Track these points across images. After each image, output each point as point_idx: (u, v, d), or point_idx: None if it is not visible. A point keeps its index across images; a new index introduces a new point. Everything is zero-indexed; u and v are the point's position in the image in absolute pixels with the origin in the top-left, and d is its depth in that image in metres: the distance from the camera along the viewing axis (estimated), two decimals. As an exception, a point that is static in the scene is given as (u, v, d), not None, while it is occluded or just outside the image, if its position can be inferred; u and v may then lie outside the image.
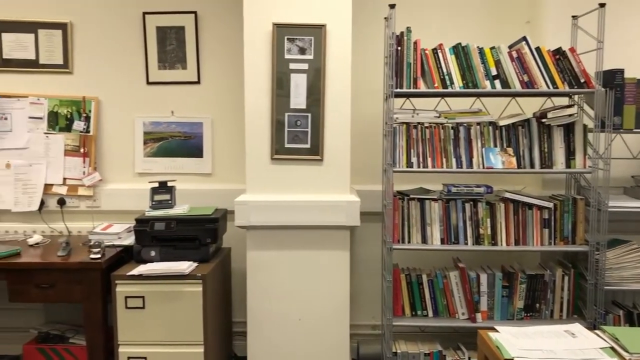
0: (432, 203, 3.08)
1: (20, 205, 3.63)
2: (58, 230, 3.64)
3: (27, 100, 3.63)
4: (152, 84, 3.65)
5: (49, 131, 3.63)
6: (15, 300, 3.03)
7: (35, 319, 3.65)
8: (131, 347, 2.95)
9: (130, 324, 2.94)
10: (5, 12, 3.60)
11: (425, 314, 3.17)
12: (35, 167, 3.63)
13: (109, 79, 3.65)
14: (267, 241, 3.06)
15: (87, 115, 3.63)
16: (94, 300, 3.01)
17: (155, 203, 3.27)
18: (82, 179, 3.63)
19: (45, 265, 2.99)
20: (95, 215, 3.66)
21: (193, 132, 3.68)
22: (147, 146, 3.68)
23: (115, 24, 3.63)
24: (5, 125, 3.63)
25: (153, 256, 3.11)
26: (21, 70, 3.64)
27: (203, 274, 2.93)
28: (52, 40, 3.61)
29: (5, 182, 3.64)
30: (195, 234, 3.13)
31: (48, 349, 3.28)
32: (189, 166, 3.69)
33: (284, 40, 3.00)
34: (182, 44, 3.60)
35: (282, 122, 3.04)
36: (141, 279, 2.93)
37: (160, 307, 2.93)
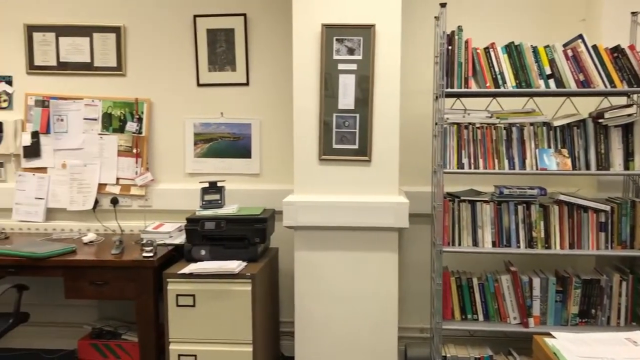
0: (483, 205, 3.02)
1: (76, 204, 3.74)
2: (111, 228, 3.73)
3: (82, 102, 3.74)
4: (203, 85, 3.70)
5: (103, 132, 3.73)
6: (70, 297, 3.12)
7: (89, 316, 3.76)
8: (181, 345, 3.00)
9: (181, 321, 2.98)
10: (63, 16, 3.71)
11: (475, 318, 3.11)
12: (90, 167, 3.74)
13: (160, 81, 3.73)
14: (314, 242, 3.07)
15: (140, 116, 3.71)
16: (146, 297, 3.07)
17: (205, 203, 3.31)
18: (135, 178, 3.72)
19: (100, 263, 3.07)
20: (147, 215, 3.74)
21: (242, 133, 3.71)
22: (197, 147, 3.73)
23: (166, 27, 3.70)
24: (62, 126, 3.74)
25: (203, 255, 3.15)
26: (77, 73, 3.75)
27: (252, 274, 2.96)
28: (106, 44, 3.71)
29: (62, 181, 3.75)
30: (244, 233, 3.16)
31: (101, 345, 3.37)
32: (237, 167, 3.73)
33: (333, 40, 3.00)
34: (232, 46, 3.64)
35: (330, 123, 3.03)
36: (192, 278, 2.97)
37: (210, 306, 2.97)
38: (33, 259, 3.05)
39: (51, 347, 3.86)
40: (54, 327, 3.87)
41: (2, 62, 3.77)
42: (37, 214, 3.74)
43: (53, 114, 3.74)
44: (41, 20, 3.72)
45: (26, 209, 3.75)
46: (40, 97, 3.75)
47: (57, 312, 3.83)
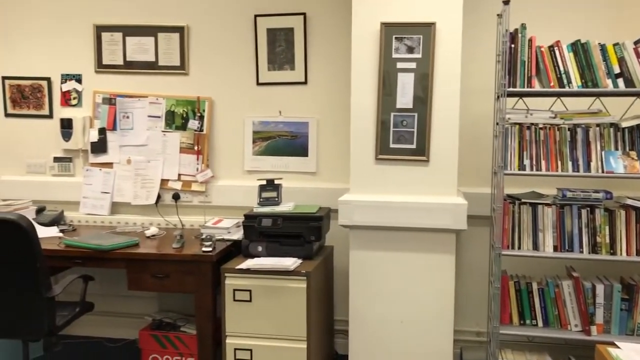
0: (545, 208, 2.94)
1: (139, 199, 3.87)
2: (172, 223, 3.84)
3: (147, 100, 3.86)
4: (262, 84, 3.76)
5: (166, 129, 3.84)
6: (133, 288, 3.23)
7: (149, 307, 3.88)
8: (238, 339, 3.05)
9: (238, 316, 3.04)
10: (130, 17, 3.84)
11: (534, 324, 3.03)
12: (153, 164, 3.86)
13: (221, 80, 3.80)
14: (370, 241, 3.06)
15: (201, 114, 3.80)
16: (204, 291, 3.14)
17: (262, 200, 3.36)
18: (196, 175, 3.81)
19: (161, 256, 3.17)
20: (206, 210, 3.83)
21: (299, 132, 3.75)
22: (255, 145, 3.79)
23: (228, 27, 3.77)
24: (128, 123, 3.88)
25: (260, 251, 3.20)
26: (142, 72, 3.88)
27: (307, 271, 2.98)
28: (170, 43, 3.82)
29: (126, 176, 3.89)
30: (300, 231, 3.19)
31: (161, 336, 3.47)
32: (294, 165, 3.76)
33: (392, 39, 2.98)
34: (291, 45, 3.68)
35: (387, 122, 3.02)
36: (249, 273, 3.02)
37: (265, 301, 3.01)
38: (98, 251, 3.18)
39: (114, 336, 4.02)
40: (116, 317, 4.02)
41: (73, 61, 3.94)
42: (103, 207, 3.89)
43: (119, 112, 3.88)
44: (109, 21, 3.86)
45: (93, 202, 3.91)
46: (107, 95, 3.90)
47: (119, 303, 3.98)
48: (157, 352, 3.46)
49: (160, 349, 3.45)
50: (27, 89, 3.99)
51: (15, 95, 4.01)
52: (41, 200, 3.95)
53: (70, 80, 3.95)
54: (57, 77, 3.96)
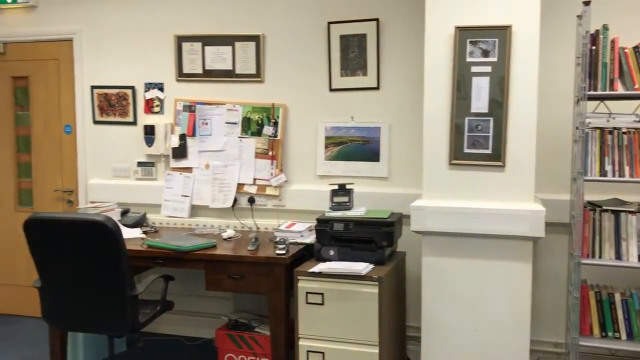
0: (629, 216, 2.81)
1: (217, 202, 4.00)
2: (248, 226, 3.95)
3: (224, 107, 3.99)
4: (334, 90, 3.80)
5: (242, 135, 3.96)
6: (210, 288, 3.35)
7: (225, 307, 4.00)
8: (310, 341, 3.10)
9: (310, 318, 3.09)
10: (208, 27, 3.99)
11: (617, 336, 2.90)
12: (230, 168, 3.98)
13: (295, 86, 3.88)
14: (443, 248, 3.03)
15: (276, 120, 3.89)
16: (277, 293, 3.21)
17: (334, 204, 3.40)
18: (270, 179, 3.90)
19: (237, 258, 3.27)
20: (280, 214, 3.91)
21: (371, 137, 3.76)
22: (327, 150, 3.84)
23: (301, 35, 3.84)
24: (206, 129, 4.03)
25: (332, 255, 3.24)
26: (220, 80, 4.01)
27: (379, 276, 2.99)
28: (246, 52, 3.93)
29: (205, 181, 4.04)
30: (372, 236, 3.20)
31: (236, 336, 3.57)
32: (366, 170, 3.78)
33: (466, 43, 2.95)
34: (364, 51, 3.70)
35: (461, 127, 2.98)
36: (321, 277, 3.06)
37: (337, 305, 3.04)
38: (179, 252, 3.32)
39: (192, 335, 4.17)
40: (194, 316, 4.17)
41: (156, 71, 4.13)
42: (183, 210, 4.06)
43: (198, 118, 4.03)
44: (189, 31, 4.03)
45: (173, 205, 4.08)
46: (187, 103, 4.06)
47: (197, 303, 4.13)
48: (232, 352, 3.57)
49: (236, 349, 3.56)
50: (113, 97, 4.22)
51: (103, 103, 4.26)
52: (126, 202, 4.16)
53: (153, 88, 4.14)
54: (141, 86, 4.17)
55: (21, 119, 4.52)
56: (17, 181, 4.56)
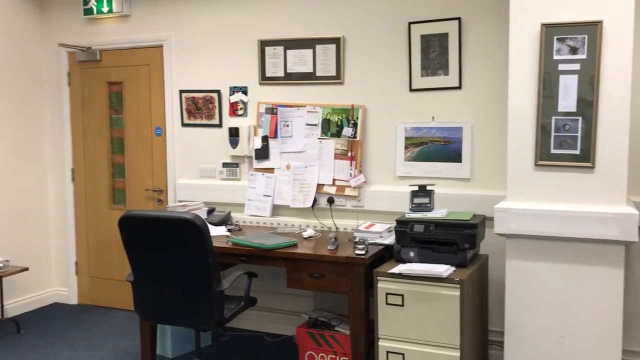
0: None
1: (297, 202, 4.08)
2: (327, 225, 4.00)
3: (305, 109, 4.06)
4: (415, 90, 3.78)
5: (322, 137, 4.02)
6: (291, 286, 3.43)
7: (305, 305, 4.07)
8: (390, 342, 3.10)
9: (390, 319, 3.09)
10: (291, 31, 4.08)
11: None
12: (310, 169, 4.05)
13: (375, 87, 3.89)
14: (528, 251, 2.95)
15: (355, 122, 3.92)
16: (357, 293, 3.24)
17: (414, 206, 3.38)
18: (349, 180, 3.94)
19: (317, 257, 3.32)
20: (359, 214, 3.93)
21: (452, 137, 3.71)
22: (407, 150, 3.82)
23: (381, 36, 3.85)
24: (287, 131, 4.12)
25: (412, 257, 3.23)
26: (300, 83, 4.09)
27: (461, 279, 2.95)
28: (327, 54, 3.99)
29: (286, 181, 4.13)
30: (453, 238, 3.16)
31: (316, 334, 3.63)
32: (447, 171, 3.73)
33: (553, 40, 2.86)
34: (445, 50, 3.66)
35: (548, 127, 2.89)
36: (401, 278, 3.06)
37: (418, 307, 3.03)
38: (261, 250, 3.42)
39: (273, 332, 4.27)
40: (275, 313, 4.27)
41: (240, 75, 4.27)
42: (265, 209, 4.17)
43: (280, 120, 4.13)
44: (272, 36, 4.13)
45: (256, 204, 4.20)
46: (269, 105, 4.17)
47: (278, 300, 4.23)
48: (312, 350, 3.63)
49: (316, 347, 3.61)
50: (200, 101, 4.40)
51: (190, 107, 4.44)
52: (211, 202, 4.33)
53: (237, 92, 4.28)
54: (226, 90, 4.32)
55: (115, 121, 4.80)
56: (112, 181, 4.84)
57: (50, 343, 4.16)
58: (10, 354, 3.97)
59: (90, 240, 4.92)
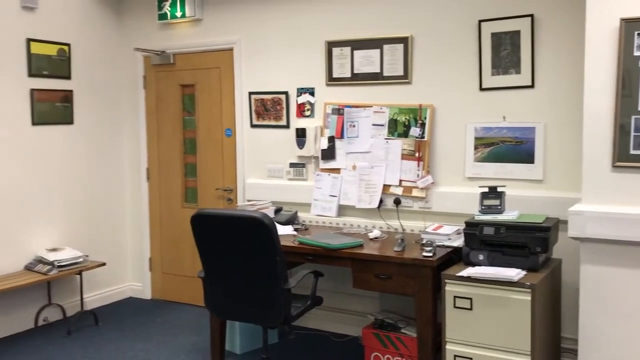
0: None
1: (363, 203, 4.08)
2: (393, 227, 3.98)
3: (371, 110, 4.06)
4: (485, 90, 3.70)
5: (389, 137, 4.00)
6: (357, 287, 3.43)
7: (371, 306, 4.06)
8: (458, 346, 3.05)
9: (458, 323, 3.04)
10: (358, 31, 4.08)
11: None
12: (376, 169, 4.04)
13: (443, 87, 3.84)
14: (605, 256, 2.83)
15: (423, 122, 3.88)
16: (425, 295, 3.21)
17: (484, 208, 3.31)
18: (416, 181, 3.90)
19: (383, 258, 3.31)
20: (426, 216, 3.89)
21: (524, 137, 3.61)
22: (477, 151, 3.75)
23: (451, 34, 3.79)
24: (354, 132, 4.12)
25: (481, 260, 3.16)
26: (367, 83, 4.09)
27: (532, 283, 2.86)
28: (394, 54, 3.97)
29: (351, 181, 4.14)
30: (525, 241, 3.07)
31: (382, 335, 3.62)
32: (518, 172, 3.63)
33: (634, 35, 2.74)
34: (517, 48, 3.56)
35: (627, 126, 2.77)
36: (469, 281, 3.01)
37: (487, 311, 2.96)
38: (328, 249, 3.44)
39: (338, 332, 4.29)
40: (341, 313, 4.29)
41: (307, 76, 4.31)
42: (331, 209, 4.19)
43: (346, 121, 4.14)
44: (339, 37, 4.15)
45: (322, 204, 4.23)
46: (336, 106, 4.19)
47: (344, 300, 4.24)
48: (378, 351, 3.62)
49: (382, 348, 3.60)
50: (268, 102, 4.48)
51: (259, 108, 4.53)
52: (278, 201, 4.39)
53: (304, 93, 4.33)
54: (294, 91, 4.38)
55: (188, 123, 4.96)
56: (184, 180, 5.00)
57: (126, 336, 4.34)
58: (89, 345, 4.17)
59: (163, 237, 5.10)
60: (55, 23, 4.60)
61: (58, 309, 4.63)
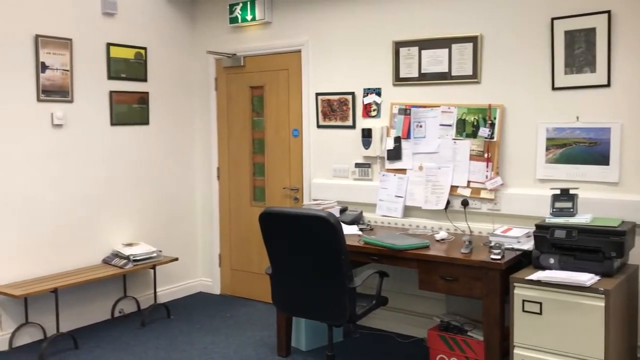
0: None
1: (429, 204, 4.05)
2: (461, 228, 3.93)
3: (439, 110, 4.03)
4: (557, 89, 3.60)
5: (457, 137, 3.95)
6: (423, 288, 3.42)
7: (436, 308, 4.03)
8: (526, 351, 2.99)
9: (526, 327, 2.98)
10: (426, 31, 4.06)
11: None
12: (443, 170, 4.00)
13: (513, 86, 3.76)
14: (686, 262, 2.70)
15: (492, 122, 3.81)
16: (492, 298, 3.16)
17: (555, 210, 3.23)
18: (485, 182, 3.84)
19: (450, 260, 3.28)
20: (495, 218, 3.82)
21: (599, 138, 3.48)
22: (549, 152, 3.65)
23: (521, 33, 3.70)
24: (420, 132, 4.10)
25: (552, 264, 3.08)
26: (435, 83, 4.06)
27: (606, 289, 2.77)
28: (463, 53, 3.92)
29: (418, 182, 4.12)
30: (598, 245, 2.98)
31: (448, 338, 3.58)
32: (592, 174, 3.51)
33: None
34: (592, 46, 3.45)
35: None
36: (539, 285, 2.94)
37: (557, 316, 2.89)
38: (393, 250, 3.44)
39: (403, 333, 4.28)
40: (406, 314, 4.27)
41: (374, 77, 4.32)
42: (397, 210, 4.18)
43: (413, 121, 4.13)
44: (407, 37, 4.14)
45: (387, 205, 4.23)
46: (402, 106, 4.18)
47: (409, 301, 4.22)
48: (444, 353, 3.59)
49: (448, 351, 3.57)
50: (335, 103, 4.52)
51: (326, 109, 4.58)
52: (344, 201, 4.43)
53: (371, 93, 4.34)
54: (360, 92, 4.40)
55: (257, 124, 5.08)
56: (252, 179, 5.13)
57: (196, 329, 4.50)
58: (161, 336, 4.35)
59: (232, 234, 5.25)
60: (133, 28, 4.82)
61: (133, 301, 4.85)
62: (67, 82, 4.37)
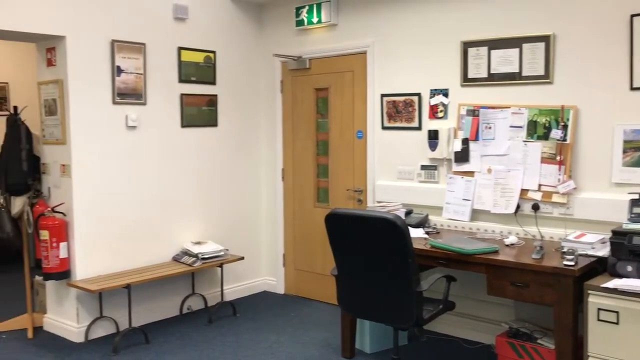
0: None
1: (498, 207, 3.95)
2: (531, 233, 3.82)
3: (509, 111, 3.93)
4: (636, 89, 3.44)
5: (527, 139, 3.84)
6: (492, 293, 3.34)
7: (505, 314, 3.93)
8: (601, 362, 2.88)
9: (602, 337, 2.86)
10: (495, 31, 3.97)
11: None
12: (513, 173, 3.90)
13: (588, 87, 3.62)
14: None
15: (565, 123, 3.68)
16: (564, 306, 3.05)
17: (634, 216, 3.09)
18: (557, 186, 3.71)
19: (520, 265, 3.20)
20: (567, 223, 3.69)
21: (682, 140, 3.31)
22: (626, 155, 3.49)
23: (598, 31, 3.56)
24: (489, 133, 4.01)
25: (629, 271, 2.95)
26: (504, 83, 3.96)
27: (691, 300, 2.62)
28: (534, 53, 3.81)
29: (486, 185, 4.03)
30: (682, 253, 2.82)
31: (517, 345, 3.49)
32: (674, 178, 3.34)
33: None
34: (675, 43, 3.28)
35: None
36: (616, 294, 2.82)
37: (636, 326, 2.76)
38: (461, 254, 3.38)
39: (470, 338, 4.19)
40: (473, 319, 4.19)
41: (441, 77, 4.26)
42: (464, 213, 4.11)
43: (482, 122, 4.04)
44: (475, 37, 4.06)
45: (454, 208, 4.16)
46: (471, 107, 4.10)
47: (477, 306, 4.14)
48: (512, 360, 3.50)
49: (517, 358, 3.47)
50: (400, 104, 4.49)
51: (391, 110, 4.55)
52: (409, 203, 4.39)
53: (437, 94, 4.29)
54: (426, 93, 4.35)
55: (321, 125, 5.11)
56: (316, 180, 5.16)
57: (261, 327, 4.57)
58: (228, 333, 4.45)
59: (296, 235, 5.30)
60: (202, 32, 4.95)
61: (200, 298, 4.98)
62: (141, 85, 4.53)
